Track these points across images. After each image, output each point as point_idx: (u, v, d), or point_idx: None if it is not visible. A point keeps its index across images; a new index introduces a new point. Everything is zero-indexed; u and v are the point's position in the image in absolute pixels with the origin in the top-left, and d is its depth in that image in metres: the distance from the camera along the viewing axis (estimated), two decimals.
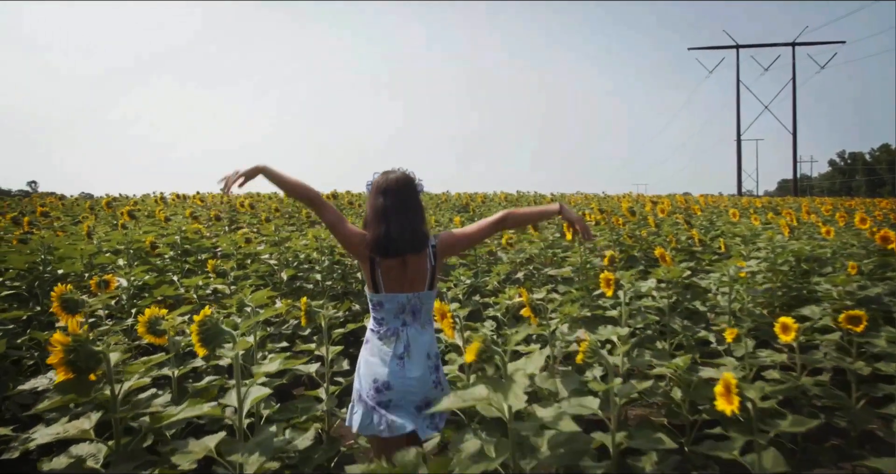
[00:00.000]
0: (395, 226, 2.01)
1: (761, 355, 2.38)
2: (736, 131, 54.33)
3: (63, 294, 2.23)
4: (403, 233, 2.00)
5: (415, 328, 2.06)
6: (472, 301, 3.95)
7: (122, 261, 4.92)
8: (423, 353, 2.04)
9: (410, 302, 2.06)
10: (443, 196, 16.47)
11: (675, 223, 6.73)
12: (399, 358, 2.00)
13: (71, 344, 1.38)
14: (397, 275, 2.05)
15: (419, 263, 2.07)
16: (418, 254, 2.06)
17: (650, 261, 5.16)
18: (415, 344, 2.04)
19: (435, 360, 2.08)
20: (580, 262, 4.33)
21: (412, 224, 2.04)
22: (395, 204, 2.04)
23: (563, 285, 4.24)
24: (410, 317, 2.07)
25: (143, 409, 1.47)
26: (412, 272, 2.06)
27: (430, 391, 2.02)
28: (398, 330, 2.04)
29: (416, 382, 1.99)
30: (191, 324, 3.46)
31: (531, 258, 5.37)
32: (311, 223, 8.94)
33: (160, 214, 8.46)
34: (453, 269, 5.01)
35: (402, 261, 2.04)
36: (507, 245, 5.41)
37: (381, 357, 2.02)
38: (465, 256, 5.39)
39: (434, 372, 2.06)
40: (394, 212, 2.03)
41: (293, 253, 5.48)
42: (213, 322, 1.60)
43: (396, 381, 1.97)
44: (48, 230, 6.91)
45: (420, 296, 2.08)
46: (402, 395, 1.98)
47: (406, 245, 2.01)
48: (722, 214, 9.87)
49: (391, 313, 2.06)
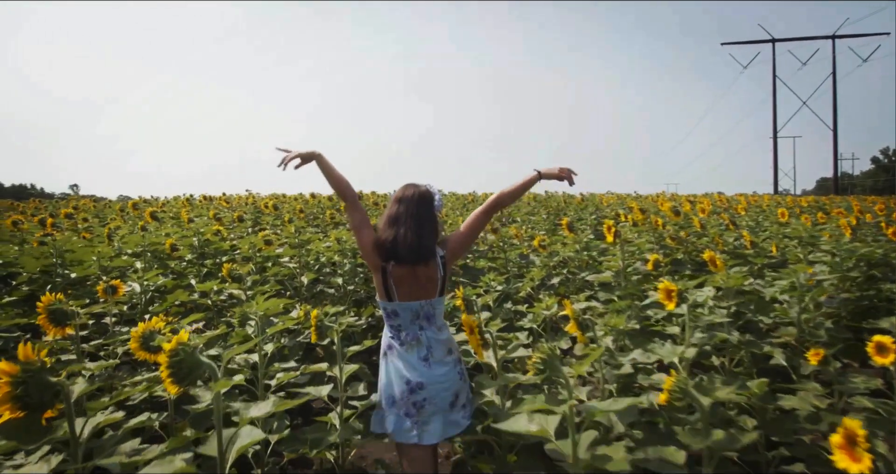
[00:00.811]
0: (403, 233, 2.09)
1: (854, 381, 2.00)
2: (772, 128, 52.60)
3: (51, 304, 2.00)
4: (408, 242, 2.08)
5: (432, 330, 2.15)
6: (503, 309, 3.64)
7: (139, 264, 4.75)
8: (445, 350, 2.14)
9: (423, 308, 2.14)
10: (469, 196, 16.19)
11: (721, 224, 6.29)
12: (424, 359, 2.09)
13: (20, 374, 1.11)
14: (409, 284, 2.12)
15: (429, 272, 2.14)
16: (427, 264, 2.13)
17: (696, 265, 4.76)
18: (436, 344, 2.13)
19: (456, 354, 2.18)
20: (621, 266, 3.97)
21: (419, 235, 2.10)
22: (407, 212, 2.13)
23: (602, 291, 3.89)
24: (426, 321, 2.15)
25: (103, 459, 1.19)
26: (423, 281, 2.13)
27: (457, 383, 2.13)
28: (417, 335, 2.12)
29: (444, 378, 2.09)
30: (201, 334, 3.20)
31: (565, 261, 5.03)
32: (334, 224, 8.73)
33: (185, 216, 8.38)
34: (483, 274, 4.70)
35: (412, 270, 2.11)
36: (539, 247, 5.07)
37: (406, 361, 2.10)
38: (496, 260, 5.08)
39: (458, 364, 2.17)
40: (404, 220, 2.11)
41: (314, 255, 5.25)
42: (189, 351, 1.28)
43: (427, 380, 2.07)
44: (72, 232, 6.85)
45: (432, 303, 2.16)
46: (436, 392, 2.06)
47: (411, 254, 2.08)
48: (768, 214, 9.32)
49: (406, 320, 2.14)
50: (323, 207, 11.25)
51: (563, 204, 12.05)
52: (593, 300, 3.85)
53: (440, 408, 2.06)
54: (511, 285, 3.84)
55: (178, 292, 3.85)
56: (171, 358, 1.13)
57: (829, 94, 48.90)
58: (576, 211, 10.93)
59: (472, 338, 1.86)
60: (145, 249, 4.66)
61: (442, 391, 2.07)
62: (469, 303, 3.28)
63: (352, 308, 4.99)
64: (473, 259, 4.96)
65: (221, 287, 3.80)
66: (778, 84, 52.68)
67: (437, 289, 2.16)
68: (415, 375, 2.06)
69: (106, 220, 9.31)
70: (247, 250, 4.88)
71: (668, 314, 2.85)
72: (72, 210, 12.61)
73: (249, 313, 2.34)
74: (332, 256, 5.09)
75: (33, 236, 5.61)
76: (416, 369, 2.07)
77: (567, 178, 2.30)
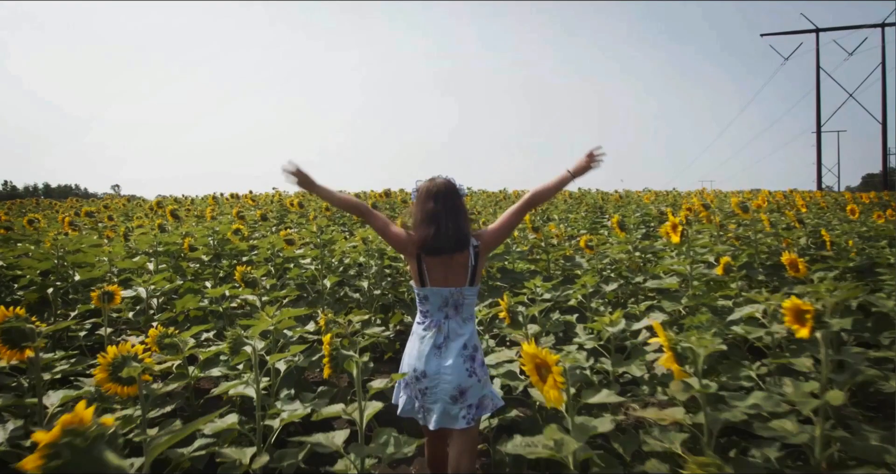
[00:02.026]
0: (444, 227, 2.14)
1: None
2: (816, 122, 50.43)
3: (5, 322, 1.61)
4: (450, 235, 2.14)
5: (456, 321, 2.19)
6: (551, 320, 3.16)
7: (152, 265, 4.42)
8: (460, 344, 2.15)
9: (453, 296, 2.19)
10: (500, 194, 15.69)
11: (787, 223, 5.65)
12: (437, 347, 2.14)
13: None
14: (442, 271, 2.19)
15: (462, 261, 2.20)
16: (461, 253, 2.19)
17: (768, 269, 4.18)
18: (453, 335, 2.16)
19: (472, 351, 2.16)
20: (688, 271, 3.43)
21: (458, 226, 2.17)
22: (444, 208, 2.18)
23: (666, 300, 3.36)
24: (453, 310, 2.20)
25: None
26: (455, 269, 2.19)
27: (464, 380, 2.10)
28: (440, 322, 2.18)
29: (450, 369, 2.09)
30: (209, 346, 2.79)
31: (616, 262, 4.50)
32: (361, 223, 8.35)
33: (209, 214, 8.10)
34: (523, 277, 4.22)
35: (446, 258, 2.18)
36: (585, 248, 4.56)
37: (421, 347, 2.16)
38: (537, 262, 4.58)
39: (469, 361, 2.14)
40: (443, 216, 2.16)
41: (339, 256, 4.84)
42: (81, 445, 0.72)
43: (431, 370, 2.10)
44: (93, 231, 6.61)
45: (462, 291, 2.20)
46: (437, 383, 2.09)
47: (452, 245, 2.15)
48: (828, 211, 8.56)
49: (435, 306, 2.20)
50: None
51: (601, 201, 11.43)
52: (656, 310, 3.33)
53: (440, 398, 2.09)
54: (560, 292, 3.34)
55: (187, 298, 3.48)
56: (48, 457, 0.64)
57: (876, 85, 46.58)
58: (615, 208, 10.32)
59: (549, 386, 1.39)
60: (156, 249, 4.32)
61: (443, 383, 2.09)
62: (514, 315, 2.80)
63: (378, 314, 4.58)
64: (511, 260, 4.48)
65: (234, 292, 3.41)
66: (822, 76, 50.43)
67: (467, 277, 2.21)
68: (421, 364, 2.13)
69: (131, 219, 9.14)
70: (266, 251, 4.50)
71: (769, 332, 2.32)
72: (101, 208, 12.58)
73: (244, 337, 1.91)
74: (358, 257, 4.68)
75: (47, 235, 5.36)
76: (425, 357, 2.13)
77: (595, 162, 2.34)
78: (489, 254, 2.35)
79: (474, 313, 2.27)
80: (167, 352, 2.48)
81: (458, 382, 2.08)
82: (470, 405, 2.09)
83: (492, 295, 4.07)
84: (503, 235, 2.30)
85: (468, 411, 2.08)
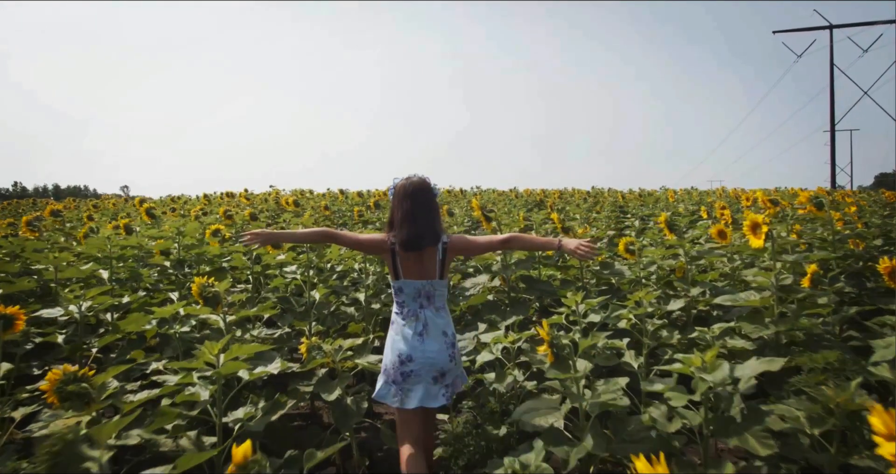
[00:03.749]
0: (420, 226, 2.32)
1: None
2: (830, 120, 49.33)
3: None
4: (422, 232, 2.32)
5: (430, 310, 2.35)
6: (597, 349, 2.41)
7: (106, 273, 3.69)
8: (440, 331, 2.33)
9: (425, 288, 2.36)
10: (511, 193, 14.96)
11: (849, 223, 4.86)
12: (419, 334, 2.30)
13: None
14: (414, 265, 2.35)
15: (432, 256, 2.36)
16: (432, 248, 2.36)
17: (854, 278, 3.40)
18: (432, 323, 2.32)
19: (451, 339, 2.36)
20: (773, 284, 2.67)
21: (431, 224, 2.35)
22: (419, 208, 2.35)
23: (746, 322, 2.60)
24: (426, 300, 2.36)
25: None
26: (426, 263, 2.36)
27: (446, 364, 2.30)
28: (417, 311, 2.34)
29: (434, 354, 2.28)
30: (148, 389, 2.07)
31: (671, 272, 3.73)
32: (363, 223, 7.61)
33: (193, 213, 7.39)
34: (552, 290, 3.48)
35: (418, 254, 2.34)
36: (625, 252, 3.81)
37: (403, 335, 2.32)
38: (567, 269, 3.83)
39: (450, 348, 2.34)
40: (419, 216, 2.33)
41: (336, 260, 4.11)
42: None
43: (417, 354, 2.28)
44: (58, 233, 5.90)
45: (433, 284, 2.36)
46: (422, 366, 2.27)
47: (425, 241, 2.32)
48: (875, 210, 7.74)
49: (410, 297, 2.36)
50: (352, 204, 10.19)
51: (622, 200, 10.63)
52: (735, 336, 2.57)
53: (424, 380, 2.26)
54: (609, 313, 2.58)
55: (132, 318, 2.75)
56: None
57: (891, 83, 45.48)
58: (636, 208, 9.54)
59: None
60: (109, 255, 3.60)
61: (428, 365, 2.26)
62: (559, 350, 2.04)
63: (377, 331, 3.85)
64: (535, 266, 3.72)
65: (190, 311, 2.67)
66: (836, 73, 49.29)
67: (436, 271, 2.36)
68: (406, 349, 2.27)
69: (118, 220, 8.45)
70: (242, 257, 3.76)
71: None
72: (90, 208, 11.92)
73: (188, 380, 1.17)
74: (354, 264, 3.94)
75: None
76: (409, 343, 2.28)
77: (586, 256, 2.34)
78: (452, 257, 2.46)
79: (445, 302, 2.43)
80: (71, 403, 1.75)
81: (441, 365, 2.28)
82: (447, 385, 2.30)
83: (515, 310, 3.32)
84: (470, 250, 2.47)
85: (446, 390, 2.30)
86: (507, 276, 3.50)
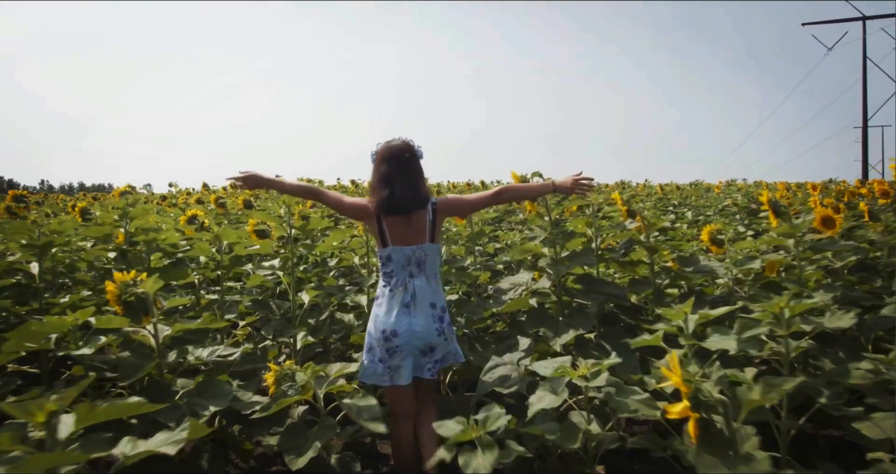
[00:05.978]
0: (399, 188, 2.17)
1: None
2: (862, 116, 47.27)
3: None
4: (406, 194, 2.17)
5: (421, 279, 2.20)
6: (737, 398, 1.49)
7: (35, 268, 2.86)
8: (428, 303, 2.17)
9: (415, 253, 2.20)
10: None
11: None
12: (406, 306, 2.15)
13: None
14: (402, 230, 2.21)
15: (420, 219, 2.23)
16: (420, 211, 2.22)
17: None
18: (420, 293, 2.17)
19: (440, 312, 2.20)
20: None
21: (414, 185, 2.21)
22: (398, 169, 2.21)
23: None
24: (416, 268, 2.20)
25: None
26: (415, 227, 2.22)
27: (434, 338, 2.16)
28: (405, 281, 2.18)
29: (421, 329, 2.13)
30: None
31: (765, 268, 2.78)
32: None
33: (181, 200, 6.58)
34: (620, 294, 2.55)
35: (406, 218, 2.21)
36: (710, 243, 2.86)
37: (389, 307, 2.15)
38: (635, 266, 2.89)
39: (438, 321, 2.18)
40: (397, 176, 2.19)
41: (327, 251, 3.23)
42: None
43: (402, 329, 2.12)
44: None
45: (423, 249, 2.22)
46: (408, 341, 2.12)
47: (409, 204, 2.18)
48: None
49: (399, 265, 2.20)
50: (362, 193, 9.33)
51: (660, 192, 9.60)
52: None
53: (411, 353, 2.13)
54: (741, 334, 1.64)
55: (27, 325, 1.89)
56: None
57: None
58: (679, 199, 8.54)
59: None
60: (35, 244, 2.75)
61: (414, 340, 2.13)
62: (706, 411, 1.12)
63: None
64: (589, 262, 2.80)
65: (103, 323, 1.79)
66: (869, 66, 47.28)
67: (426, 234, 2.23)
68: (391, 324, 2.12)
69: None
70: (207, 247, 2.87)
71: None
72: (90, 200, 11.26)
73: None
74: (352, 258, 3.05)
75: None
76: (394, 316, 2.13)
77: (580, 188, 2.32)
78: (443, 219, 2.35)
79: (438, 271, 2.29)
80: None
81: (429, 340, 2.15)
82: (436, 360, 2.18)
83: (572, 321, 2.40)
84: (461, 209, 2.36)
85: (434, 365, 2.17)
86: (557, 275, 2.58)
